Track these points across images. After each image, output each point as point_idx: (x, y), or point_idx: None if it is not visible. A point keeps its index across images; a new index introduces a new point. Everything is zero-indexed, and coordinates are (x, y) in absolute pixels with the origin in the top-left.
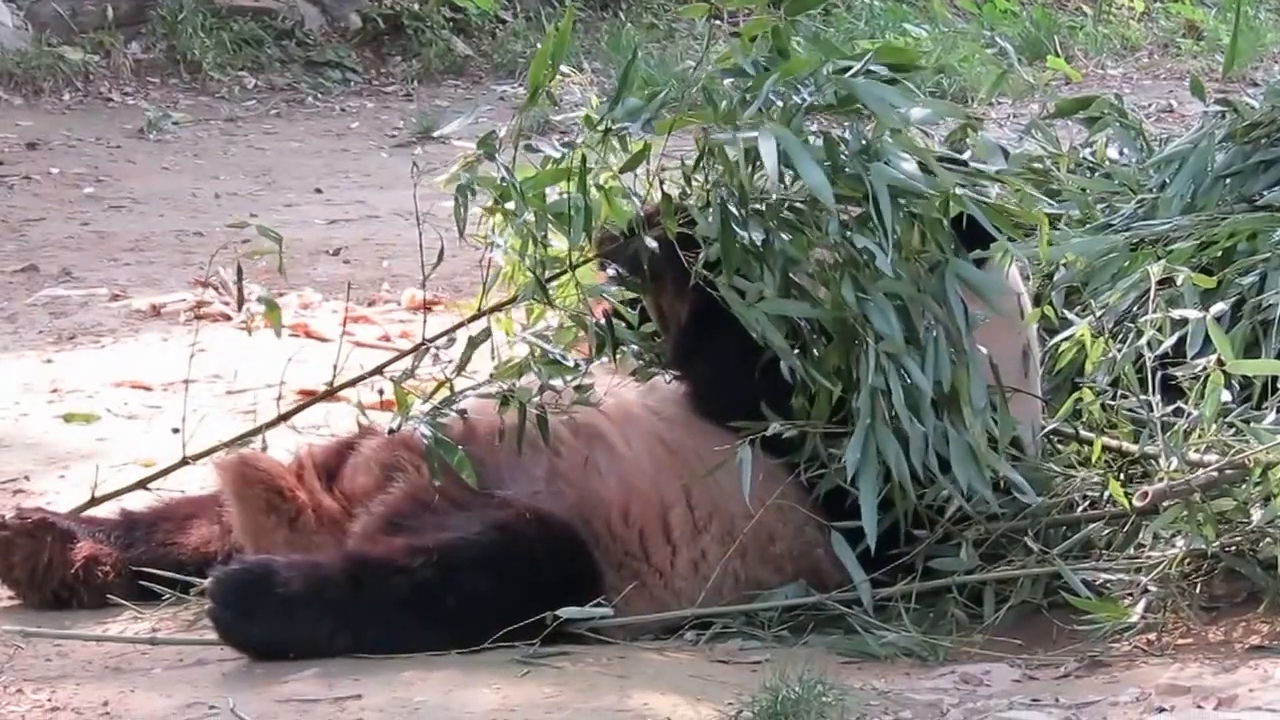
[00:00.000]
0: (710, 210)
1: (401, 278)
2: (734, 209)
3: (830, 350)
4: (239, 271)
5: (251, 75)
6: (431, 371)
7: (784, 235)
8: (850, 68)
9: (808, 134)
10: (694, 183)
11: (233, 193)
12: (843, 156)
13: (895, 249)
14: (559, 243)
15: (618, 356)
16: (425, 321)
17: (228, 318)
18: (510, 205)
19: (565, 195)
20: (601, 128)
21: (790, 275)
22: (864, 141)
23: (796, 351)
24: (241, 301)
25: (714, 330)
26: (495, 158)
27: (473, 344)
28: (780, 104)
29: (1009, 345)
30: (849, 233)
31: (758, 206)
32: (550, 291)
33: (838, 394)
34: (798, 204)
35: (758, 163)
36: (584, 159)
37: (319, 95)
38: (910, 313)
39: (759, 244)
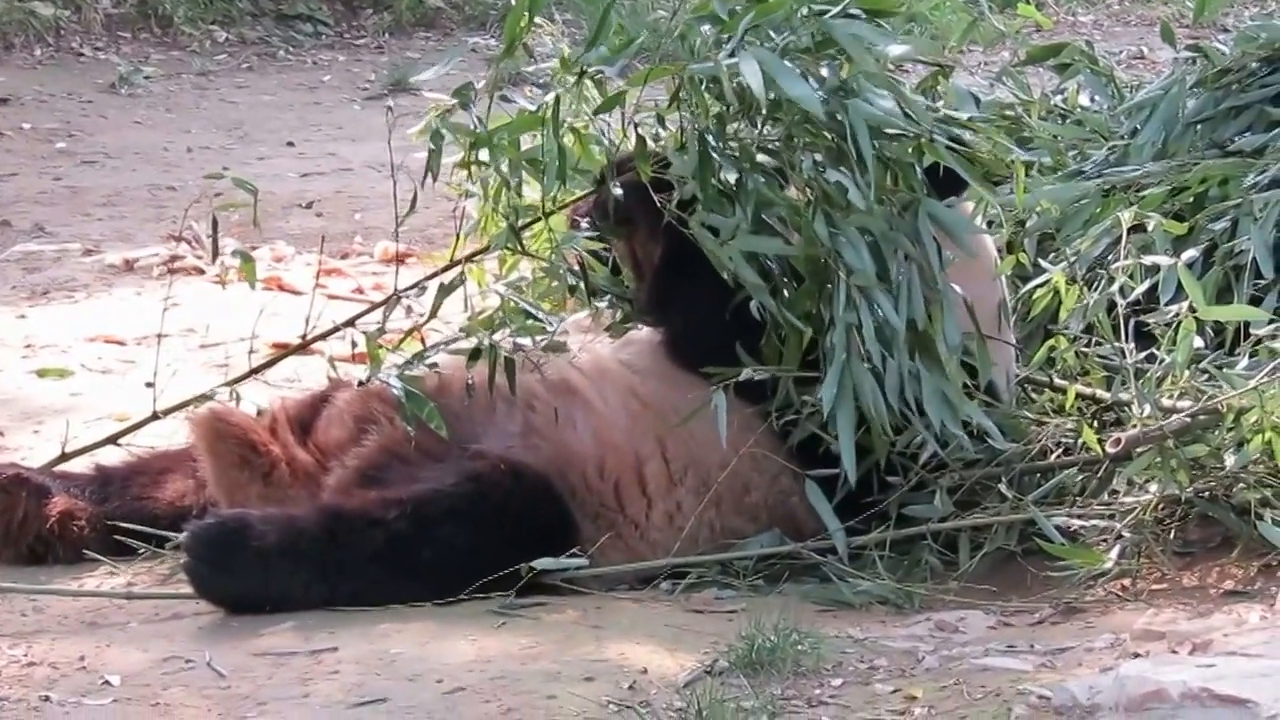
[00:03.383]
0: (686, 148)
1: (374, 230)
2: (712, 141)
3: (802, 292)
4: (214, 223)
5: (223, 29)
6: (405, 325)
7: (758, 176)
8: (827, 11)
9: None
10: (667, 125)
11: (205, 147)
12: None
13: (870, 186)
14: (532, 193)
15: (592, 306)
16: (398, 273)
17: (201, 272)
18: (484, 156)
19: (539, 142)
20: (576, 71)
21: (763, 217)
22: (840, 80)
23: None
24: (216, 253)
25: (686, 273)
26: (470, 107)
27: (444, 290)
28: (757, 44)
29: (984, 288)
30: (822, 169)
31: (733, 147)
32: (524, 240)
33: (809, 337)
34: (771, 144)
35: (731, 108)
36: (557, 101)
37: (290, 49)
38: (883, 251)
39: (733, 183)
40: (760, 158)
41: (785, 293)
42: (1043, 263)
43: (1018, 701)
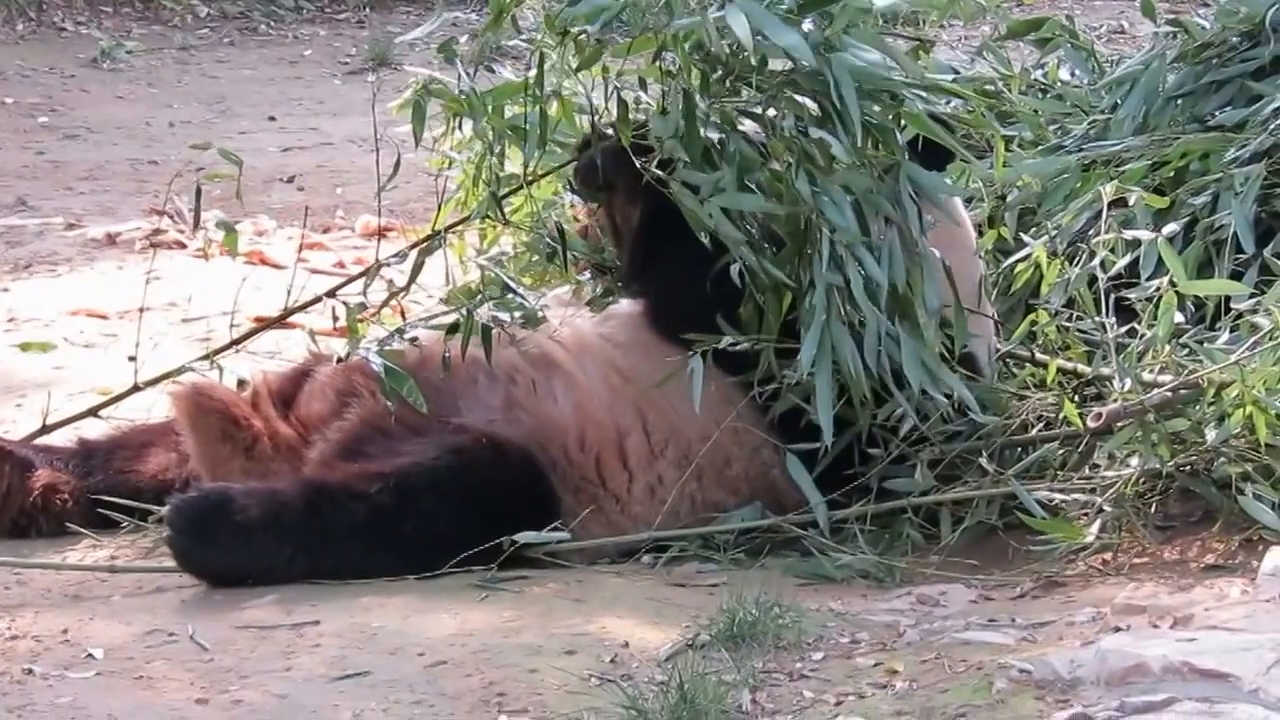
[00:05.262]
0: (668, 110)
1: (356, 204)
2: (697, 100)
3: (783, 254)
4: (197, 192)
5: (204, 4)
6: (387, 300)
7: (740, 138)
8: None
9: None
10: (649, 90)
11: (187, 121)
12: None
13: (854, 138)
14: (514, 166)
15: (572, 280)
16: (380, 247)
17: (183, 245)
18: (468, 126)
19: (524, 109)
20: (560, 29)
21: (745, 182)
22: (824, 36)
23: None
24: (198, 223)
25: (666, 236)
26: (455, 62)
27: (423, 254)
28: None
29: (963, 263)
30: (804, 128)
31: (714, 110)
32: (505, 211)
33: (788, 304)
34: (753, 108)
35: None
36: (542, 59)
37: (272, 23)
38: (864, 212)
39: (716, 143)
40: (743, 125)
41: (765, 258)
42: (1024, 237)
43: (999, 675)
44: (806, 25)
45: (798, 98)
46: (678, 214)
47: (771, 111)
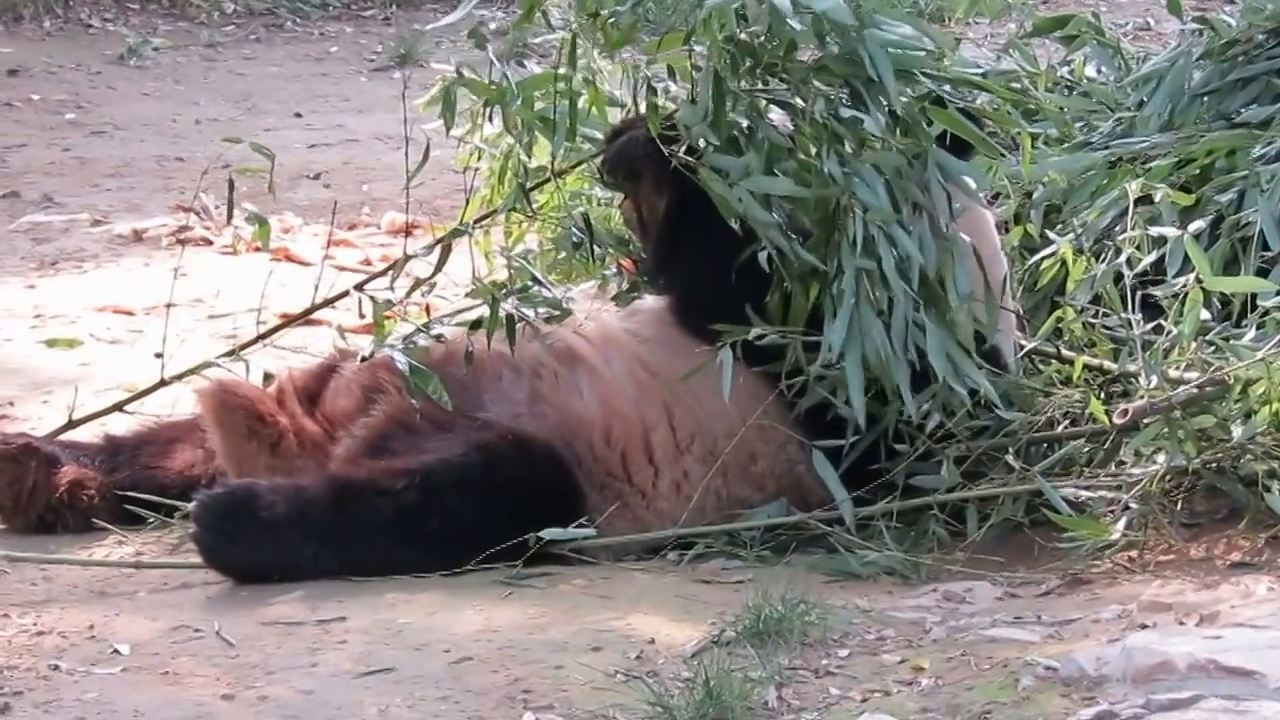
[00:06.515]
0: (698, 96)
1: (382, 201)
2: (726, 78)
3: (812, 241)
4: (230, 187)
5: (230, 0)
6: (412, 296)
7: (769, 125)
8: None
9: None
10: (678, 81)
11: (213, 118)
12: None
13: (891, 117)
14: (540, 161)
15: (599, 274)
16: (406, 243)
17: (209, 242)
18: (496, 119)
19: (553, 99)
20: (592, 10)
21: (773, 169)
22: (857, 7)
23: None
24: (231, 215)
25: (693, 225)
26: (485, 47)
27: (449, 246)
28: None
29: (988, 262)
30: (834, 108)
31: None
32: (532, 204)
33: (814, 294)
34: (782, 95)
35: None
36: (574, 40)
37: (298, 20)
38: (895, 193)
39: (744, 128)
40: (771, 116)
41: (793, 246)
42: (1050, 234)
43: (1025, 672)
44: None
45: (821, 85)
46: (705, 202)
47: (799, 101)
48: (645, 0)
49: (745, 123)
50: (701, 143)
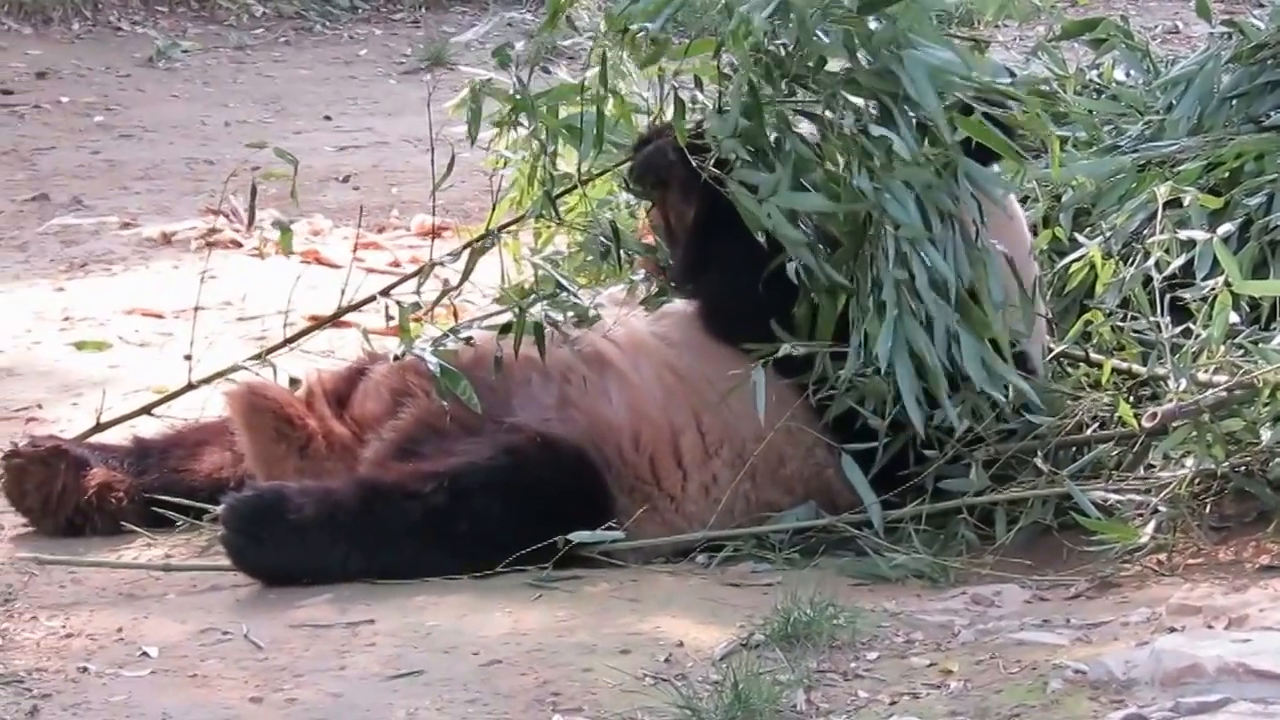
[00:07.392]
0: (727, 109)
1: (411, 204)
2: (761, 83)
3: (840, 255)
4: (253, 192)
5: (260, 3)
6: (441, 300)
7: (797, 138)
8: None
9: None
10: (705, 90)
11: (242, 121)
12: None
13: (919, 129)
14: (567, 166)
15: (627, 279)
16: (434, 246)
17: (238, 245)
18: (523, 121)
19: (580, 109)
20: (621, 26)
21: (802, 182)
22: (891, 34)
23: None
24: (252, 219)
25: (721, 234)
26: (510, 66)
27: (477, 253)
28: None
29: (1019, 264)
30: (863, 125)
31: (771, 111)
32: (560, 210)
33: (842, 305)
34: (812, 106)
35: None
36: (604, 56)
37: (327, 23)
38: (925, 207)
39: (773, 142)
40: (799, 128)
41: (821, 260)
42: (1079, 237)
43: (1053, 676)
44: (872, 24)
45: (852, 98)
46: (733, 213)
47: (829, 113)
48: (673, 17)
49: (773, 135)
50: (731, 155)
